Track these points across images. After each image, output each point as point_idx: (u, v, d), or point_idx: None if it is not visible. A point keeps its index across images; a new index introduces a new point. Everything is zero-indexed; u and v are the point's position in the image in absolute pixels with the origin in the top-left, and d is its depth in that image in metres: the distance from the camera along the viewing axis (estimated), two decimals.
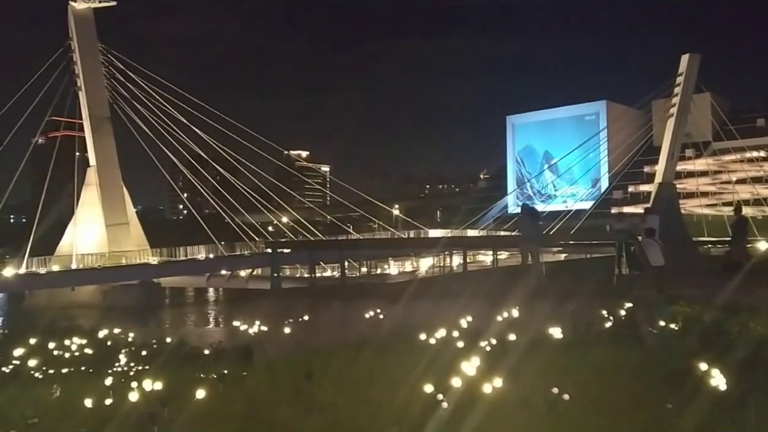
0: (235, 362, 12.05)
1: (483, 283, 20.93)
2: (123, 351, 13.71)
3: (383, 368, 10.53)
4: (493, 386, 8.06)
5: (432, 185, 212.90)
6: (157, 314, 49.63)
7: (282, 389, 9.79)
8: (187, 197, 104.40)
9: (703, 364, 8.61)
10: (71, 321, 23.92)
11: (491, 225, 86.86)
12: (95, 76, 65.96)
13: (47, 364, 12.42)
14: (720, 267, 23.46)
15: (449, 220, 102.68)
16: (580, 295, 15.98)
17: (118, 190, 66.53)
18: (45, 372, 11.95)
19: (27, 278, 56.32)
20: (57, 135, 76.26)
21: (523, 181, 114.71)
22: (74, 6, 65.85)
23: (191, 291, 73.59)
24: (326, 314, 17.21)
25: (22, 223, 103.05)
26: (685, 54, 74.71)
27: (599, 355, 11.05)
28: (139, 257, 62.32)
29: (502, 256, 66.89)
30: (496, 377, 8.22)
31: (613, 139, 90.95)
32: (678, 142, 75.08)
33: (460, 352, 10.52)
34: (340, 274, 64.87)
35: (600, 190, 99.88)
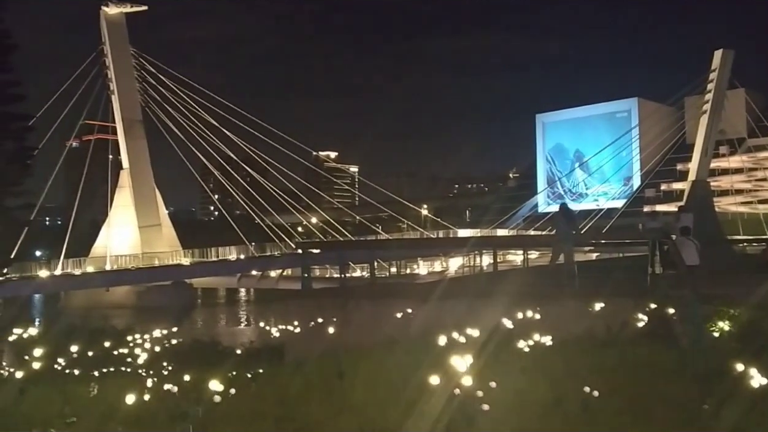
0: (267, 362, 12.14)
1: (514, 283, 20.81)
2: (157, 351, 13.90)
3: (415, 368, 10.52)
4: (526, 386, 8.01)
5: (461, 185, 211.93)
6: (190, 314, 50.20)
7: (314, 389, 9.83)
8: (218, 198, 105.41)
9: (739, 364, 8.45)
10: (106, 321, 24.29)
11: (521, 224, 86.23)
12: (127, 79, 66.97)
13: (83, 363, 12.64)
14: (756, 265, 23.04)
15: (478, 219, 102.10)
16: (613, 294, 15.80)
17: (151, 192, 67.46)
18: (81, 371, 12.16)
19: (62, 279, 57.37)
20: (91, 138, 77.48)
21: (554, 179, 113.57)
22: (106, 11, 66.92)
23: (223, 291, 74.32)
24: (357, 314, 17.27)
25: (57, 225, 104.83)
26: (718, 49, 73.46)
27: (633, 355, 10.91)
28: (171, 258, 63.12)
29: (533, 255, 66.46)
30: (529, 377, 8.17)
31: (645, 136, 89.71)
32: (712, 139, 73.85)
33: (493, 352, 10.47)
34: (369, 275, 65.19)
35: (632, 189, 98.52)
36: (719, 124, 75.10)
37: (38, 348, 13.50)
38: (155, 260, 61.56)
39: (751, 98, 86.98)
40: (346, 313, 17.64)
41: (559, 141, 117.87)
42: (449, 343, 12.32)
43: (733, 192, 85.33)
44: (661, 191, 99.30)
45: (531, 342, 11.64)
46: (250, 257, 65.50)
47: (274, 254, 66.51)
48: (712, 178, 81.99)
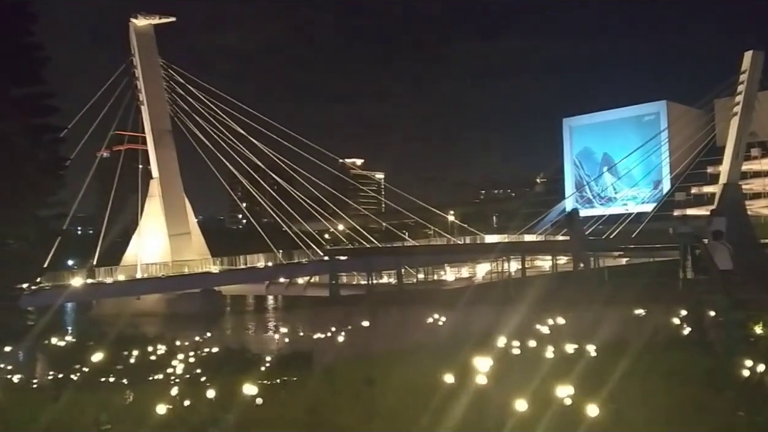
0: (296, 369, 12.19)
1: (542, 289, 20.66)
2: (187, 358, 14.04)
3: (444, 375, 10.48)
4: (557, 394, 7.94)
5: (487, 190, 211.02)
6: (219, 322, 50.61)
7: (343, 395, 9.84)
8: (245, 206, 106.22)
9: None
10: (137, 329, 24.60)
11: (549, 229, 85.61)
12: (156, 90, 67.93)
13: (117, 370, 12.81)
14: None
15: (506, 225, 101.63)
16: (644, 300, 15.62)
17: (180, 201, 68.26)
18: (115, 379, 12.33)
19: (94, 288, 58.19)
20: (121, 148, 78.70)
21: (582, 184, 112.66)
22: (135, 23, 68.00)
23: (251, 298, 74.84)
24: (385, 321, 17.28)
25: (88, 234, 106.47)
26: (749, 51, 72.43)
27: (666, 361, 10.76)
28: (200, 266, 63.74)
29: (561, 261, 65.90)
30: (561, 385, 8.10)
31: (674, 139, 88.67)
32: (743, 142, 72.82)
33: (523, 359, 10.41)
34: (397, 281, 65.15)
35: (662, 192, 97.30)
36: (750, 126, 73.97)
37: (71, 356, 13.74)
38: (185, 268, 62.21)
39: None
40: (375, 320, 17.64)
41: (586, 145, 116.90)
42: (477, 349, 12.26)
43: (765, 195, 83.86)
44: (691, 195, 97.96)
45: (560, 349, 11.54)
46: (277, 265, 65.89)
47: (301, 261, 66.84)
48: (743, 181, 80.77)
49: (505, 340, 12.48)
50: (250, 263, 65.52)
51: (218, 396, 9.00)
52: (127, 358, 14.13)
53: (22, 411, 9.82)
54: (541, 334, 12.86)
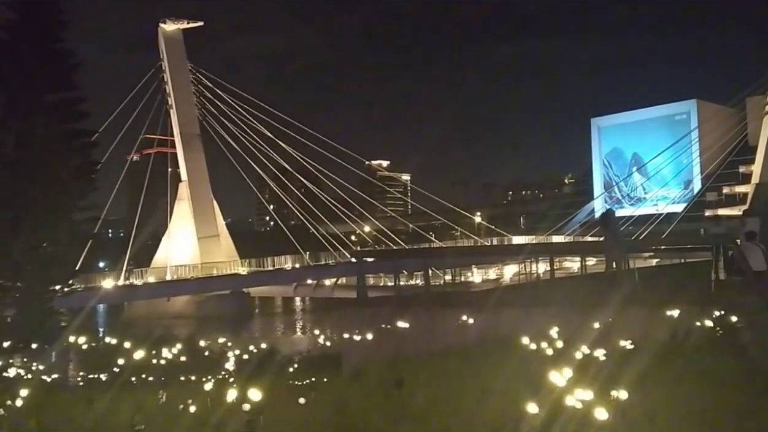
0: (325, 370, 12.23)
1: (571, 290, 20.51)
2: (218, 359, 14.17)
3: (474, 377, 10.46)
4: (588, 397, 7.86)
5: (515, 191, 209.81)
6: (248, 323, 50.98)
7: (372, 397, 9.85)
8: (273, 209, 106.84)
9: None
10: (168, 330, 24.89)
11: (578, 230, 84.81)
12: (185, 94, 68.69)
13: (149, 371, 12.98)
14: None
15: (534, 226, 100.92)
16: (676, 301, 15.39)
17: (209, 204, 68.92)
18: (147, 379, 12.48)
19: (125, 290, 58.95)
20: (151, 152, 79.62)
21: (611, 184, 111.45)
22: (164, 28, 68.84)
23: (279, 300, 75.25)
24: (413, 322, 17.25)
25: (119, 237, 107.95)
26: None
27: (700, 364, 10.60)
28: (229, 268, 64.24)
29: (590, 262, 65.26)
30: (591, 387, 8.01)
31: (705, 139, 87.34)
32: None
33: (552, 361, 10.32)
34: (424, 283, 65.07)
35: (693, 192, 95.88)
36: None
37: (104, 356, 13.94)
38: (214, 270, 62.75)
39: None
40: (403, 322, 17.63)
41: (616, 145, 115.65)
42: (508, 351, 12.20)
43: None
44: (723, 195, 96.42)
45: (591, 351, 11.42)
46: (305, 266, 66.17)
47: (328, 263, 67.06)
48: None
49: (534, 341, 12.39)
50: (278, 265, 65.91)
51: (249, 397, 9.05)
52: (159, 358, 14.29)
53: (57, 411, 9.98)
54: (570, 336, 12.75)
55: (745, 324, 13.07)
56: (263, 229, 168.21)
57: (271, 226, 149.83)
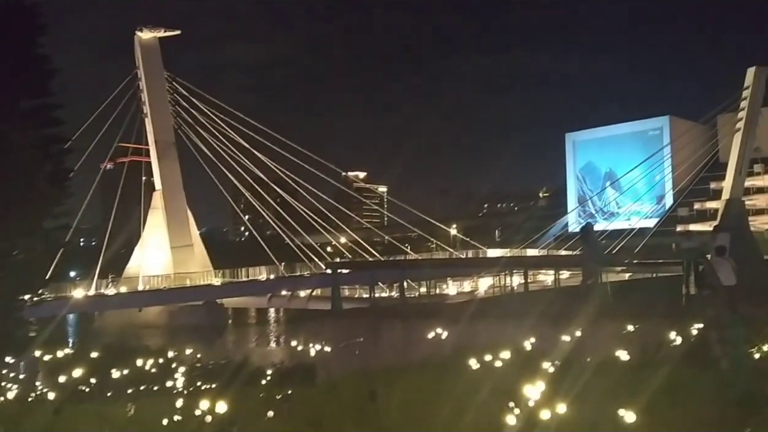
0: (299, 382, 12.14)
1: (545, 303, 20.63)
2: (190, 370, 14.00)
3: (447, 389, 10.45)
4: (560, 409, 7.90)
5: (491, 204, 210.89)
6: (221, 334, 50.52)
7: (346, 409, 9.80)
8: (248, 219, 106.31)
9: None
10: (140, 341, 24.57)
11: (552, 244, 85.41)
12: (161, 103, 68.21)
13: (119, 383, 12.77)
14: None
15: (509, 239, 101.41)
16: (648, 315, 15.57)
17: (183, 213, 68.35)
18: (117, 391, 12.29)
19: (96, 299, 58.15)
20: (124, 160, 78.90)
21: (585, 198, 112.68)
22: (141, 36, 68.40)
23: (253, 311, 74.68)
24: (388, 334, 17.25)
25: (91, 246, 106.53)
26: (752, 67, 72.57)
27: (671, 377, 10.71)
28: (202, 278, 63.69)
29: (564, 275, 65.72)
30: (563, 400, 8.06)
31: (677, 155, 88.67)
32: (746, 158, 72.76)
33: (525, 373, 10.36)
34: (399, 294, 65.04)
35: (665, 207, 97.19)
36: (753, 142, 73.97)
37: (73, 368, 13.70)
38: (187, 280, 62.18)
39: None
40: (378, 333, 17.61)
41: (590, 159, 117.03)
42: (482, 364, 12.22)
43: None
44: (694, 210, 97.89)
45: (564, 363, 11.49)
46: (280, 277, 65.83)
47: (303, 274, 66.78)
48: (746, 197, 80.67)
49: (509, 354, 12.44)
50: (252, 276, 65.48)
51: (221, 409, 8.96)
52: (129, 370, 14.08)
53: (25, 422, 9.78)
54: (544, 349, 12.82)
55: (715, 338, 13.22)
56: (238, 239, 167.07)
57: (246, 237, 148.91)
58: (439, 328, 17.42)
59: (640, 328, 14.47)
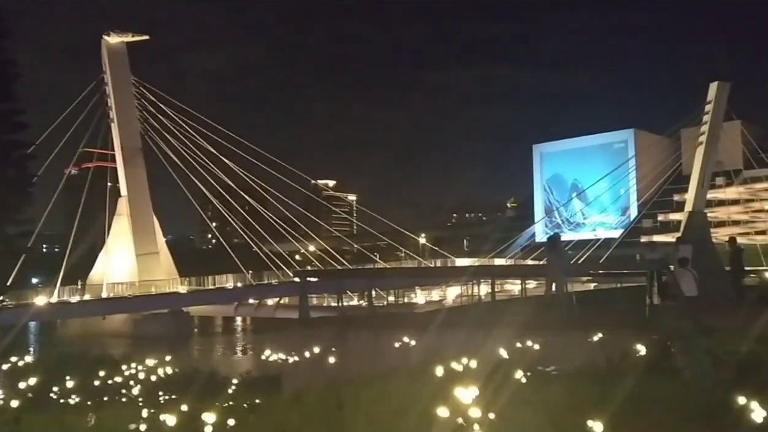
0: (264, 392, 12.03)
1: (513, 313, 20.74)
2: (153, 380, 13.78)
3: (416, 399, 10.44)
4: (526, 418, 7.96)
5: (460, 214, 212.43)
6: (187, 343, 49.84)
7: (312, 420, 9.74)
8: (216, 227, 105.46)
9: (741, 398, 8.41)
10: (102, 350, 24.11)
11: (519, 254, 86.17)
12: (128, 108, 67.37)
13: (80, 393, 12.52)
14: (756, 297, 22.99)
15: (477, 248, 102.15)
16: (612, 325, 15.75)
17: (149, 220, 67.47)
18: (78, 401, 12.05)
19: (59, 307, 57.04)
20: (90, 166, 77.73)
21: (552, 209, 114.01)
22: (108, 40, 67.56)
23: (219, 320, 73.89)
24: (356, 343, 17.19)
25: (54, 252, 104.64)
26: (714, 82, 74.16)
27: (634, 387, 10.84)
28: (168, 286, 62.87)
29: (531, 285, 66.24)
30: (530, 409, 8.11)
31: (642, 167, 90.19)
32: (708, 171, 74.14)
33: (491, 383, 10.40)
34: (368, 303, 64.91)
35: (629, 219, 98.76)
36: (716, 156, 75.51)
37: (34, 377, 13.40)
38: (152, 288, 61.35)
39: (748, 130, 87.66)
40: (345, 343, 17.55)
41: (556, 171, 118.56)
42: (449, 373, 12.24)
43: (730, 223, 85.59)
44: (658, 222, 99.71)
45: (531, 373, 11.58)
46: (247, 285, 65.30)
47: (271, 282, 66.33)
48: (709, 209, 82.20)
49: (476, 363, 12.48)
50: (219, 284, 64.85)
51: (185, 419, 8.84)
52: (91, 379, 13.82)
53: None
54: (510, 358, 12.89)
55: (678, 348, 13.42)
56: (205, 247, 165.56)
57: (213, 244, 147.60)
58: (407, 338, 17.42)
59: (604, 337, 14.62)
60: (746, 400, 8.29)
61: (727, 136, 77.54)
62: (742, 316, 16.72)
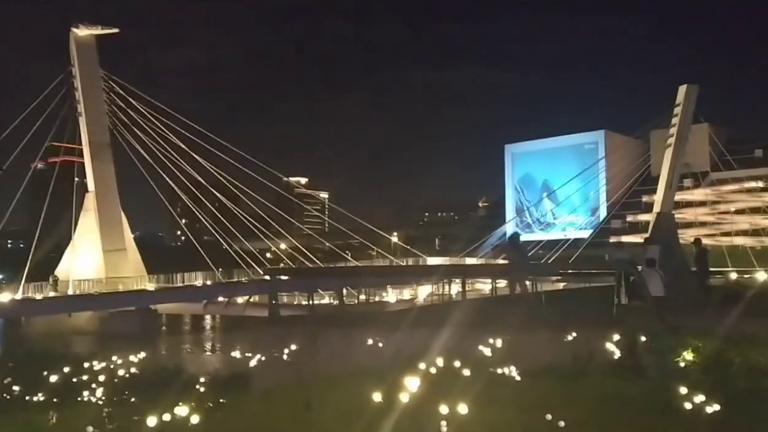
0: (233, 390, 11.90)
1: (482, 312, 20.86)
2: (120, 378, 13.56)
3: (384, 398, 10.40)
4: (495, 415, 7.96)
5: (432, 213, 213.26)
6: (154, 341, 49.22)
7: (280, 418, 9.66)
8: (185, 224, 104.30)
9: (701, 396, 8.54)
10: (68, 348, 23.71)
11: (490, 253, 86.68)
12: (96, 102, 66.18)
13: (44, 390, 12.27)
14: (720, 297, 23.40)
15: (448, 247, 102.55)
16: (580, 324, 15.89)
17: (117, 216, 66.39)
18: (41, 399, 11.80)
19: (23, 304, 55.87)
20: (56, 160, 76.26)
21: (523, 209, 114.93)
22: (76, 32, 66.28)
23: (188, 318, 73.07)
24: (325, 342, 17.10)
25: (19, 248, 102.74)
26: (683, 85, 75.32)
27: (601, 384, 10.94)
28: (136, 284, 61.91)
29: (501, 284, 66.65)
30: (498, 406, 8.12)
31: (611, 168, 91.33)
32: (676, 172, 75.29)
33: (461, 381, 10.41)
34: (339, 302, 64.70)
35: (599, 219, 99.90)
36: (684, 158, 76.70)
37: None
38: (119, 285, 60.37)
39: (715, 133, 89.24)
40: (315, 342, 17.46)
41: (528, 171, 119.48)
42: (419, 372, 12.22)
43: (696, 224, 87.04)
44: (626, 222, 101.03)
45: (500, 371, 11.61)
46: (216, 283, 64.63)
47: (241, 280, 65.71)
48: (676, 210, 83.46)
49: (443, 361, 12.49)
50: (188, 281, 64.02)
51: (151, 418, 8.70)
52: (55, 377, 13.53)
53: None
54: (480, 357, 12.92)
55: (644, 346, 13.58)
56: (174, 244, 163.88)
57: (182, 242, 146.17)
58: (378, 336, 17.38)
59: (572, 336, 14.74)
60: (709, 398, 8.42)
61: (695, 138, 78.84)
62: (707, 317, 17.00)
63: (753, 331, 13.76)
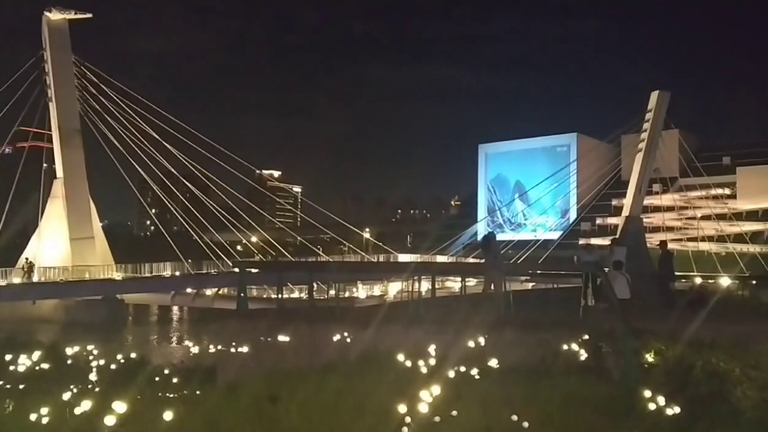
0: (197, 383, 11.81)
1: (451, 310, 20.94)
2: (82, 368, 13.38)
3: (350, 393, 10.41)
4: (457, 414, 8.01)
5: (404, 210, 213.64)
6: (120, 331, 48.67)
7: (245, 412, 9.60)
8: (155, 213, 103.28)
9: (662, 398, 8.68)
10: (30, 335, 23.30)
11: (461, 252, 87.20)
12: (67, 87, 65.19)
13: (6, 379, 12.08)
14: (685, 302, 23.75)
15: (420, 245, 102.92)
16: (546, 325, 16.03)
17: (85, 204, 65.49)
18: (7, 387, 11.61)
19: None
20: (24, 145, 75.06)
21: (494, 209, 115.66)
22: (49, 17, 65.20)
23: (155, 309, 72.40)
24: (293, 336, 17.03)
25: None
26: (655, 91, 76.38)
27: (564, 386, 11.04)
28: (103, 272, 61.22)
29: (471, 283, 66.97)
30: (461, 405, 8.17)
31: (582, 171, 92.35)
32: (646, 177, 76.41)
33: (426, 379, 10.45)
34: (308, 297, 64.55)
35: (569, 221, 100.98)
36: (654, 163, 77.83)
37: None
38: (86, 274, 59.62)
39: (685, 139, 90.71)
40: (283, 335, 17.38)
41: (500, 171, 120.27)
42: (386, 369, 12.25)
43: (664, 229, 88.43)
44: (596, 225, 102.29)
45: (464, 370, 11.68)
46: (185, 275, 64.14)
47: (210, 272, 65.27)
48: (644, 215, 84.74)
49: (410, 359, 12.52)
50: (156, 272, 63.48)
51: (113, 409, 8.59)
52: (14, 365, 13.31)
53: None
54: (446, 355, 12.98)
55: (609, 349, 13.74)
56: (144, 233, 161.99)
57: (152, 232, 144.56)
58: (346, 332, 17.34)
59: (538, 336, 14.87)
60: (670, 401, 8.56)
61: (665, 144, 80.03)
62: (671, 320, 17.24)
63: (714, 336, 14.00)
